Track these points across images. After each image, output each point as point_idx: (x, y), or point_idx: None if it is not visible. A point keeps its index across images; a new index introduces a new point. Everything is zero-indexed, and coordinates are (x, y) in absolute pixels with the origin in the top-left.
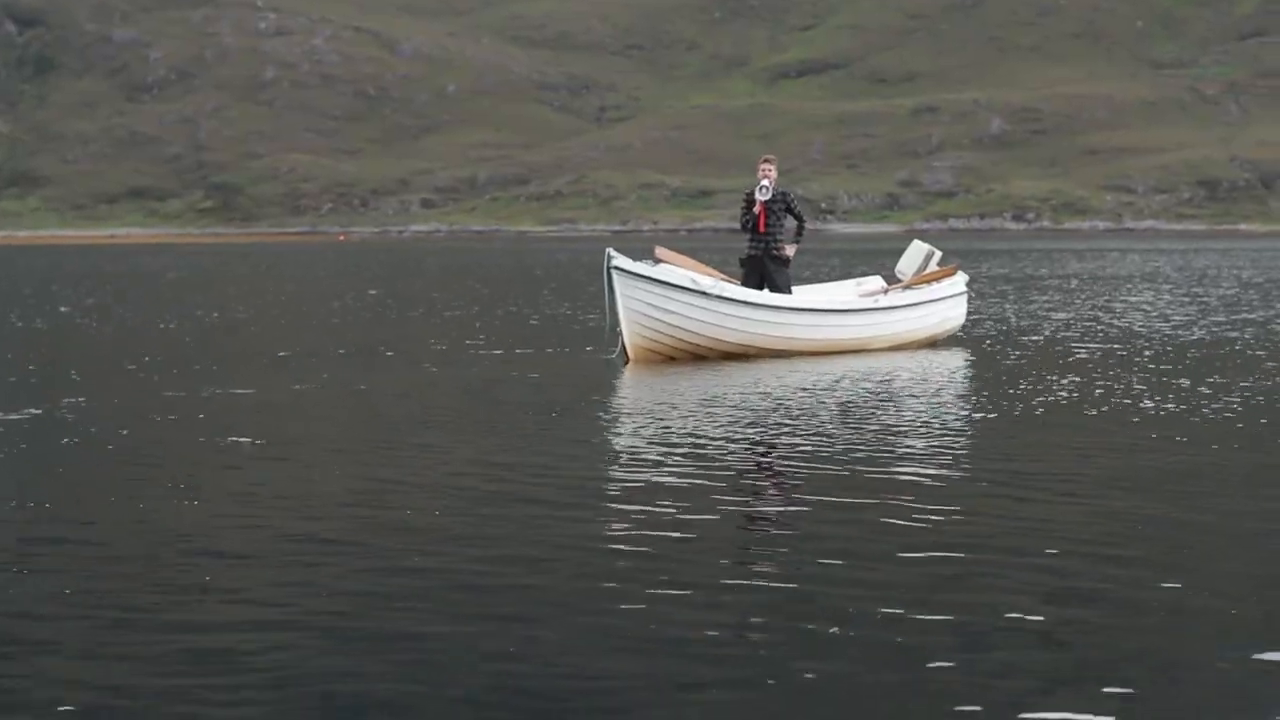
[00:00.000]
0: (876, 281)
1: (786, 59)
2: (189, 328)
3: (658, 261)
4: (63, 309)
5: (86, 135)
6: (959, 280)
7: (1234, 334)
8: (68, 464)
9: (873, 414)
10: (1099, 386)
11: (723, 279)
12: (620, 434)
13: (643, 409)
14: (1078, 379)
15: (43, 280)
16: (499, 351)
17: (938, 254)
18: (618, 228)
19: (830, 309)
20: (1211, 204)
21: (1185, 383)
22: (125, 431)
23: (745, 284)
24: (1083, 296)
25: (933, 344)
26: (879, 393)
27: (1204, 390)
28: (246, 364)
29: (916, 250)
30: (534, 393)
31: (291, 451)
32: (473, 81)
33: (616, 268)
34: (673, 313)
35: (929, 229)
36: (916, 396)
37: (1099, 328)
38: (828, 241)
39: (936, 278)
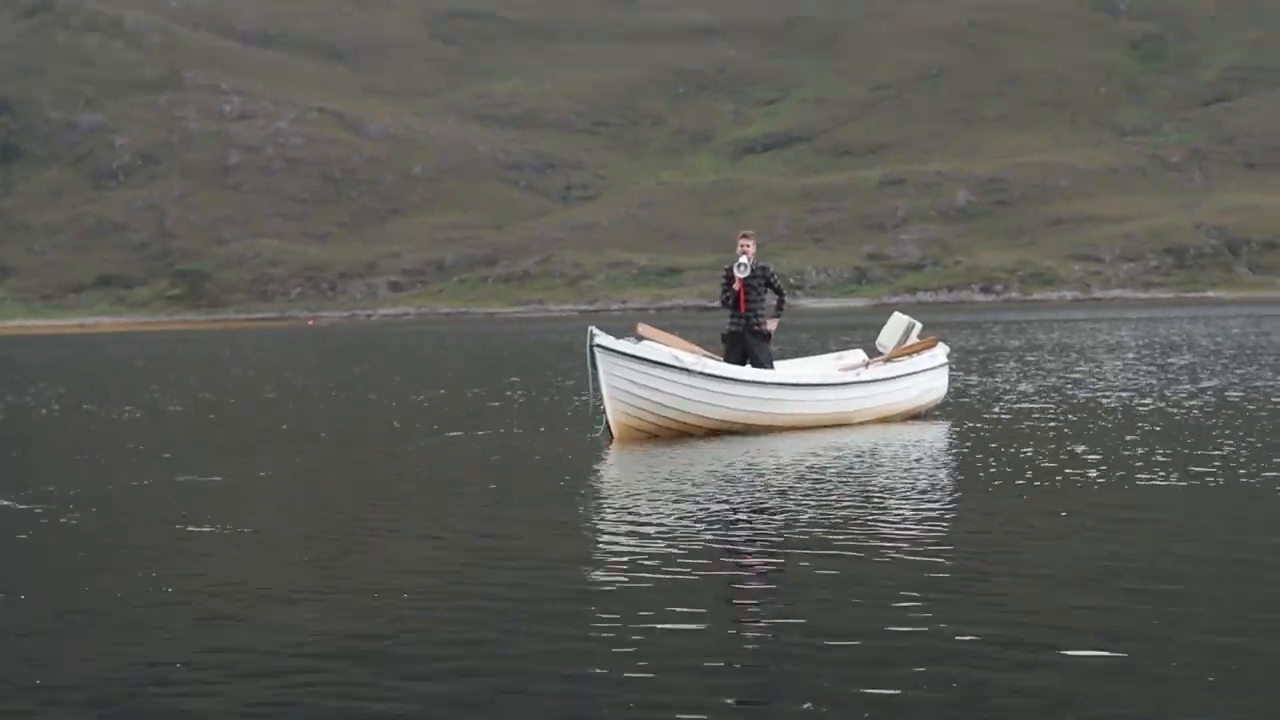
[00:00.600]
0: (857, 355)
1: (751, 133)
2: (159, 414)
3: (640, 339)
4: (27, 399)
5: (53, 225)
6: (939, 352)
7: (1194, 402)
8: (32, 550)
9: (854, 488)
10: (1075, 454)
11: (705, 355)
12: (607, 513)
13: (628, 487)
14: (1054, 448)
15: (4, 369)
16: (482, 432)
17: (918, 326)
18: (585, 307)
19: (812, 383)
20: (1179, 271)
21: (1160, 447)
22: (90, 519)
23: (727, 360)
24: (1053, 367)
25: (915, 416)
26: (861, 466)
27: (1174, 453)
28: (219, 449)
29: (897, 322)
30: (522, 471)
31: (257, 539)
32: (439, 162)
33: (599, 345)
34: (656, 390)
35: (897, 302)
36: (898, 469)
37: (1071, 398)
38: (796, 316)
39: (917, 350)
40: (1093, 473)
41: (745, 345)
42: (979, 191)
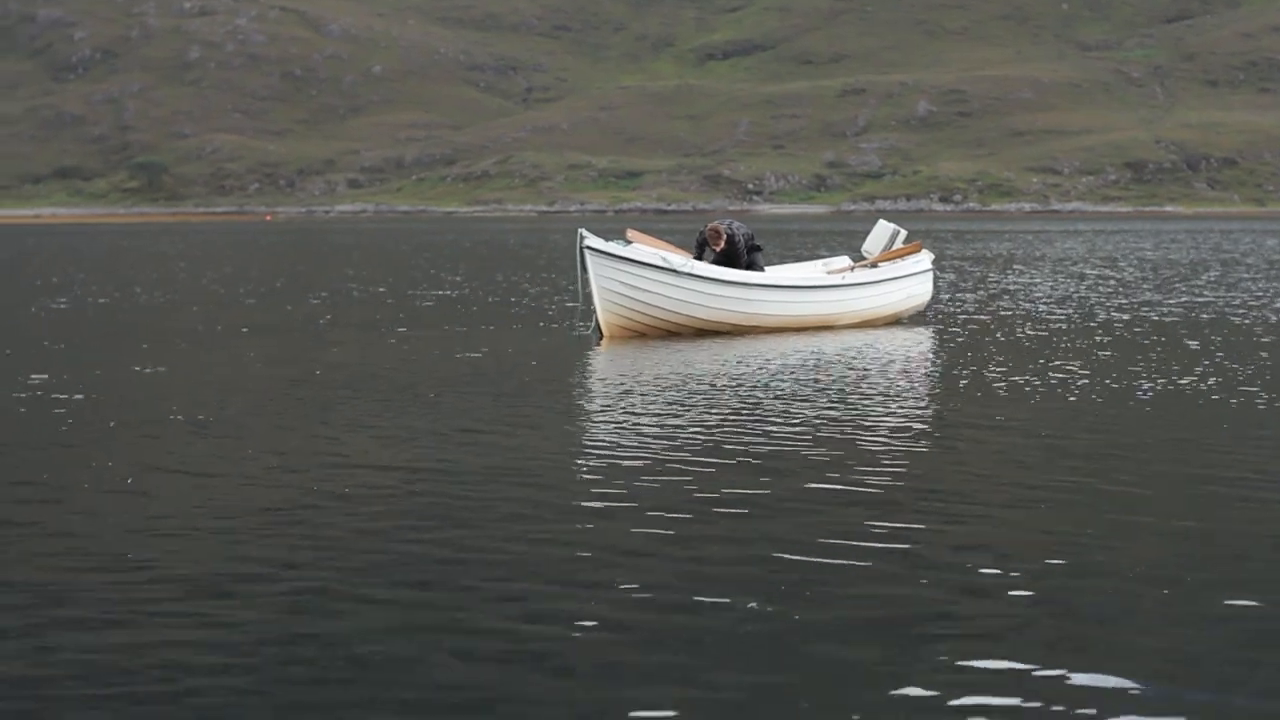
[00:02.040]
0: (844, 260)
1: (714, 40)
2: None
3: (629, 243)
4: None
5: (11, 116)
6: (924, 258)
7: (1151, 313)
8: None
9: (838, 391)
10: (1051, 360)
11: (693, 259)
12: (596, 410)
13: (617, 385)
14: (1030, 353)
15: None
16: (463, 329)
17: (903, 233)
18: (544, 208)
19: (798, 285)
20: (1137, 186)
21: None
22: (73, 406)
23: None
24: (1029, 276)
25: (898, 320)
26: (843, 370)
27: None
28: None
29: (882, 229)
30: (514, 367)
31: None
32: (399, 62)
33: (589, 247)
34: (645, 290)
35: (855, 209)
36: (879, 372)
37: (1044, 305)
38: (752, 222)
39: (901, 254)
40: (1064, 382)
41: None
42: (940, 102)
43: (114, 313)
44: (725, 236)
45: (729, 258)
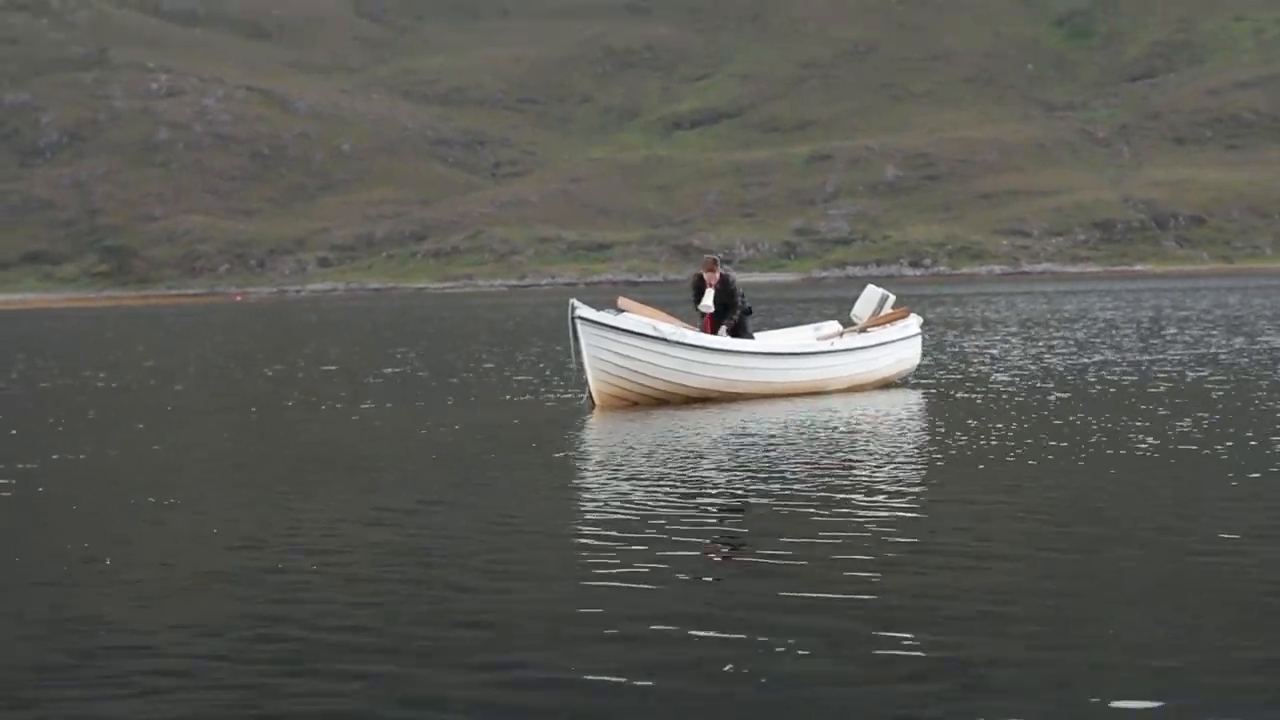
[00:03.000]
0: (833, 326)
1: (680, 110)
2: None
3: (620, 311)
4: None
5: None
6: (912, 323)
7: (1134, 374)
8: None
9: (829, 454)
10: (1041, 421)
11: (684, 326)
12: (589, 477)
13: (611, 452)
14: (1020, 414)
15: None
16: (451, 400)
17: (891, 298)
18: (515, 282)
19: (788, 352)
20: (1106, 245)
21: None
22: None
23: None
24: (1017, 339)
25: (888, 385)
26: (835, 433)
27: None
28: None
29: (871, 294)
30: (507, 436)
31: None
32: (368, 139)
33: (580, 317)
34: (636, 359)
35: (825, 276)
36: (870, 435)
37: (1032, 367)
38: None
39: (890, 320)
40: (1051, 440)
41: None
42: (907, 166)
43: (71, 394)
44: (720, 274)
45: (725, 295)
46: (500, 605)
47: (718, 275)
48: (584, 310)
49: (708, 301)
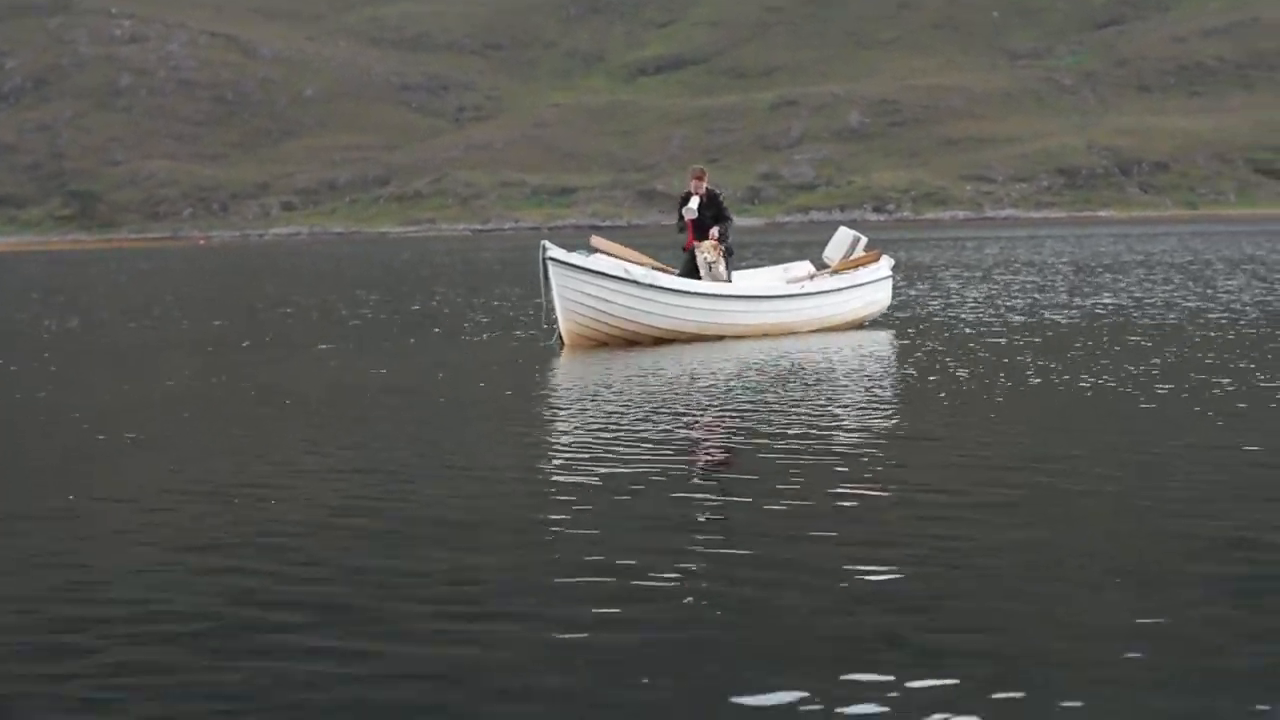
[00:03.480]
0: (804, 266)
1: (645, 55)
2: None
3: (593, 251)
4: None
5: None
6: (884, 265)
7: (1081, 317)
8: None
9: (797, 392)
10: (1008, 361)
11: (657, 267)
12: (557, 415)
13: (580, 391)
14: (988, 355)
15: None
16: (425, 340)
17: (864, 240)
18: (478, 226)
19: (759, 295)
20: (1070, 192)
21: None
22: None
23: (684, 272)
24: (985, 282)
25: (858, 326)
26: (803, 373)
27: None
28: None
29: (843, 235)
30: (481, 377)
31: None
32: (331, 84)
33: (551, 258)
34: (606, 301)
35: (789, 221)
36: (835, 374)
37: (1003, 310)
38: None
39: (861, 263)
40: (1013, 377)
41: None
42: (872, 113)
43: (32, 337)
44: (706, 187)
45: (712, 206)
46: (462, 541)
47: (704, 186)
48: (555, 251)
49: (692, 206)
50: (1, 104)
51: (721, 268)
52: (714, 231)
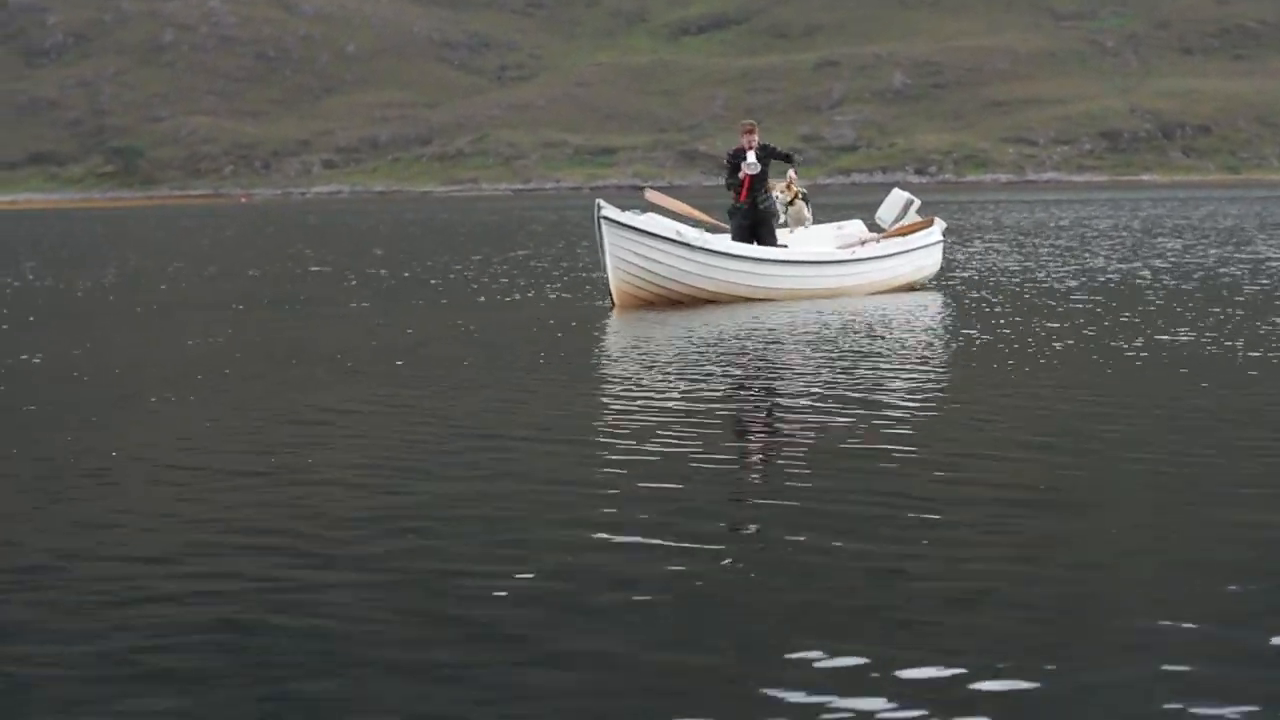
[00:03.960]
0: (857, 224)
1: (688, 14)
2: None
3: (649, 205)
4: None
5: None
6: (935, 230)
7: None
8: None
9: (848, 353)
10: (1064, 326)
11: (711, 223)
12: (608, 374)
13: (629, 351)
14: (1033, 323)
15: None
16: (480, 299)
17: (917, 202)
18: (520, 186)
19: (810, 260)
20: (1113, 155)
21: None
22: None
23: (735, 235)
24: (1034, 245)
25: (910, 289)
26: (857, 335)
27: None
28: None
29: (896, 198)
30: (534, 334)
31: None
32: (373, 41)
33: (605, 218)
34: (657, 262)
35: (830, 184)
36: (895, 337)
37: (1050, 275)
38: (729, 198)
39: (915, 229)
40: (1062, 344)
41: (752, 225)
42: (915, 74)
43: (92, 292)
44: (756, 137)
45: (765, 155)
46: (498, 496)
47: (756, 138)
48: (609, 210)
49: (752, 160)
50: (43, 60)
51: (805, 209)
52: (792, 174)
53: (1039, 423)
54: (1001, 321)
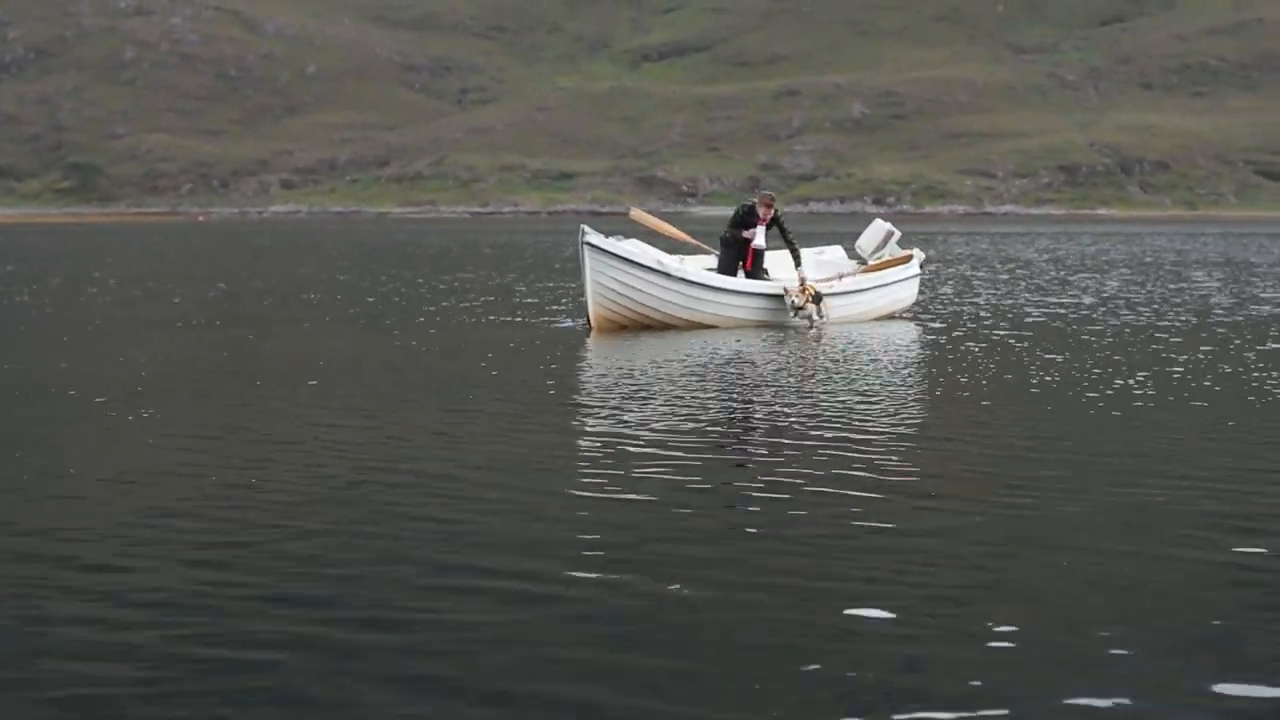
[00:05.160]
0: (837, 250)
1: (649, 41)
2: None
3: (631, 223)
4: None
5: None
6: (913, 263)
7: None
8: None
9: (820, 381)
10: (1033, 359)
11: (695, 245)
12: (581, 398)
13: (603, 375)
14: (1005, 352)
15: None
16: (455, 322)
17: (897, 233)
18: (477, 209)
19: (784, 294)
20: (1070, 189)
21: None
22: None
23: (721, 265)
24: (990, 274)
25: (887, 319)
26: (831, 362)
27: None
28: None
29: (877, 229)
30: (511, 356)
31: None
32: (335, 62)
33: (588, 243)
34: (636, 289)
35: (788, 212)
36: (868, 364)
37: (1025, 306)
38: (686, 224)
39: (893, 264)
40: (1030, 375)
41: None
42: (874, 104)
43: (25, 309)
44: (774, 211)
45: (778, 231)
46: (472, 516)
47: (772, 213)
48: (592, 236)
49: (760, 236)
50: (3, 74)
51: (813, 312)
52: (808, 281)
53: (1010, 453)
54: (973, 350)
